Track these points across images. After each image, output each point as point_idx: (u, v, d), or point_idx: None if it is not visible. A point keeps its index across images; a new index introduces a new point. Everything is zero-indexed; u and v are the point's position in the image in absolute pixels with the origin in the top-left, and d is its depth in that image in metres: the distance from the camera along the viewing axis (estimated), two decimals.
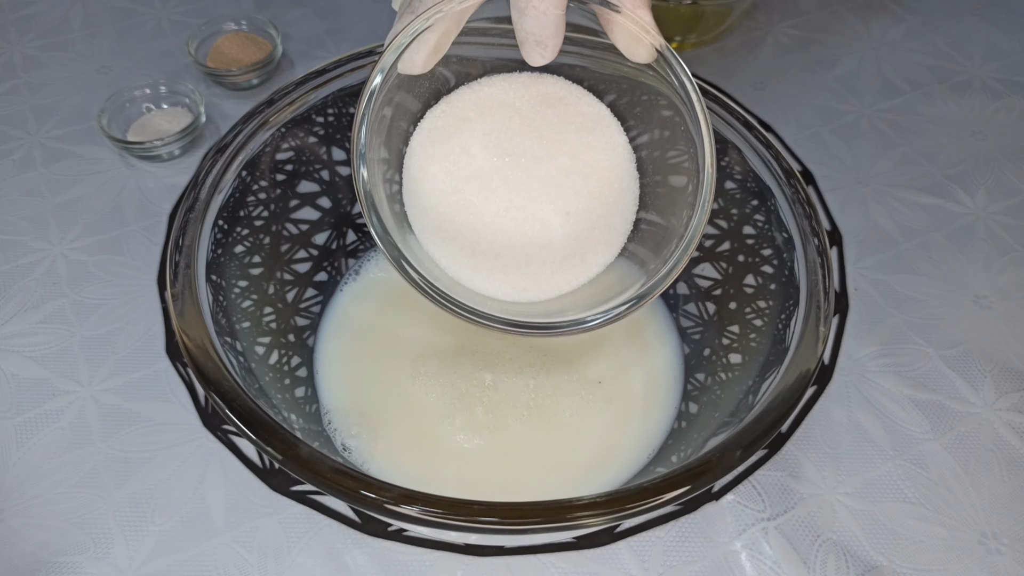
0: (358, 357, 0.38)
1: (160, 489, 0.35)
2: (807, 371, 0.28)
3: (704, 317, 0.38)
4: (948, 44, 0.56)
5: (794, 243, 0.32)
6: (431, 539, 0.33)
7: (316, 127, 0.37)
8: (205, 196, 0.32)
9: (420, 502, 0.24)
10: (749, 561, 0.34)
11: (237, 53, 0.51)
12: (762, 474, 0.36)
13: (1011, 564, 0.34)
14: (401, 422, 0.36)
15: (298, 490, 0.35)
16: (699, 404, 0.36)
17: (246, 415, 0.26)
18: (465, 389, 0.37)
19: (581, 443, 0.35)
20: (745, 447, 0.26)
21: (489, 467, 0.35)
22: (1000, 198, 0.47)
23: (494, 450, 0.35)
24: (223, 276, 0.32)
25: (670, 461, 0.34)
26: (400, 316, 0.39)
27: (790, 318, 0.31)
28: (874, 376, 0.39)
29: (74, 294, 0.42)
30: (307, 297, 0.38)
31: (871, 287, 0.43)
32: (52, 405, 0.38)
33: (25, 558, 0.33)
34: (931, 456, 0.37)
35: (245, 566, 0.33)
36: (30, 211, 0.45)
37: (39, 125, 0.49)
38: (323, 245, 0.40)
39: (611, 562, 0.34)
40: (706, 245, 0.38)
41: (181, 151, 0.48)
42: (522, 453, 0.35)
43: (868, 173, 0.48)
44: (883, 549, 0.34)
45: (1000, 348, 0.41)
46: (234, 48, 0.51)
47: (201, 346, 0.28)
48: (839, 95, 0.53)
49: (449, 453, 0.35)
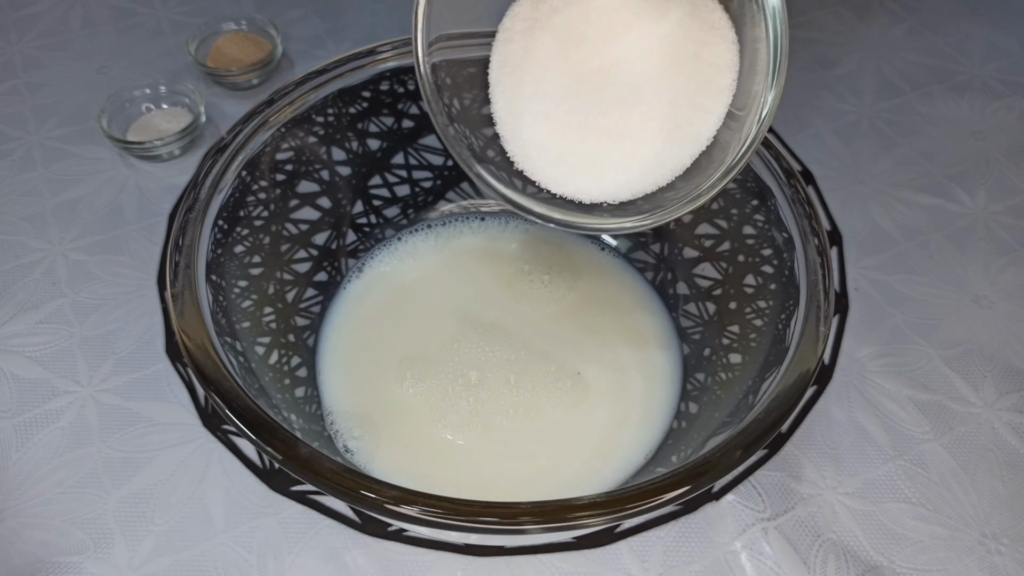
0: (358, 357, 0.38)
1: (160, 489, 0.35)
2: (807, 371, 0.28)
3: (704, 317, 0.38)
4: (948, 44, 0.56)
5: (794, 243, 0.32)
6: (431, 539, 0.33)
7: (316, 127, 0.37)
8: (205, 196, 0.32)
9: (420, 502, 0.24)
10: (749, 561, 0.34)
11: (237, 53, 0.51)
12: (762, 474, 0.36)
13: (1011, 564, 0.34)
14: (401, 422, 0.36)
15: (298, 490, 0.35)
16: (699, 404, 0.36)
17: (246, 415, 0.26)
18: (466, 388, 0.37)
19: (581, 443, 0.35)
20: (745, 447, 0.26)
21: (490, 467, 0.35)
22: (1000, 198, 0.47)
23: (495, 450, 0.35)
24: (223, 276, 0.32)
25: (670, 461, 0.34)
26: (400, 316, 0.39)
27: (790, 318, 0.31)
28: (874, 376, 0.39)
29: (74, 294, 0.42)
30: (307, 297, 0.38)
31: (871, 287, 0.43)
32: (52, 405, 0.38)
33: (25, 558, 0.33)
34: (931, 456, 0.37)
35: (245, 566, 0.33)
36: (30, 211, 0.45)
37: (39, 125, 0.49)
38: (323, 245, 0.40)
39: (611, 562, 0.34)
40: (706, 245, 0.38)
41: (181, 151, 0.48)
42: (523, 453, 0.35)
43: (868, 173, 0.48)
44: (883, 549, 0.34)
45: (1000, 348, 0.41)
46: (234, 48, 0.51)
47: (201, 346, 0.28)
48: (839, 95, 0.53)
49: (450, 453, 0.35)
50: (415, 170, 0.42)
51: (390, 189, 0.42)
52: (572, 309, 0.40)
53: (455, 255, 0.42)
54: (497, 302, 0.40)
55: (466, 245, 0.42)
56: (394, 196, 0.42)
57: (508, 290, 0.40)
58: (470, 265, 0.41)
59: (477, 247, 0.42)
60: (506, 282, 0.41)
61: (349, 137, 0.39)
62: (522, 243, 0.42)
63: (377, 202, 0.42)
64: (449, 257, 0.42)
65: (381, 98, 0.39)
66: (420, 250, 0.42)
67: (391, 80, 0.38)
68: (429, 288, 0.40)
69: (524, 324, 0.39)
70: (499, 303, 0.40)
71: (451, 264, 0.41)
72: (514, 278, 0.41)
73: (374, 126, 0.39)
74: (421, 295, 0.40)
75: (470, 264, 0.42)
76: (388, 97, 0.39)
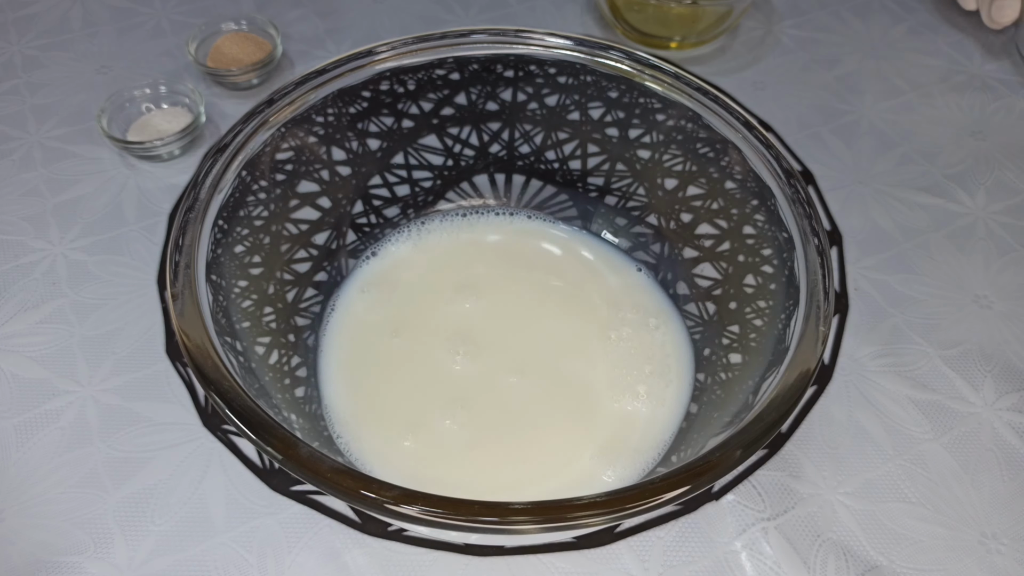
0: (359, 357, 0.38)
1: (160, 489, 0.35)
2: (807, 371, 0.28)
3: (704, 317, 0.38)
4: (948, 44, 0.56)
5: (794, 243, 0.32)
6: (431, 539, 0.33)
7: (316, 127, 0.37)
8: (205, 196, 0.32)
9: (420, 502, 0.24)
10: (749, 561, 0.34)
11: (237, 53, 0.51)
12: (762, 474, 0.36)
13: (1011, 564, 0.34)
14: (402, 421, 0.36)
15: (298, 490, 0.35)
16: (699, 404, 0.36)
17: (246, 415, 0.26)
18: (467, 388, 0.37)
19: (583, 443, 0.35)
20: (745, 447, 0.26)
21: (490, 467, 0.35)
22: (1000, 198, 0.47)
23: (495, 450, 0.35)
24: (223, 276, 0.32)
25: (670, 461, 0.34)
26: (401, 315, 0.39)
27: (790, 318, 0.31)
28: (874, 376, 0.39)
29: (74, 294, 0.42)
30: (307, 297, 0.38)
31: (871, 287, 0.43)
32: (52, 405, 0.38)
33: (25, 558, 0.33)
34: (931, 456, 0.37)
35: (245, 566, 0.33)
36: (30, 211, 0.45)
37: (39, 125, 0.49)
38: (323, 245, 0.40)
39: (611, 562, 0.34)
40: (706, 245, 0.38)
41: (181, 151, 0.48)
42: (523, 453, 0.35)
43: (868, 173, 0.48)
44: (883, 549, 0.34)
45: (1000, 348, 0.41)
46: (234, 48, 0.51)
47: (201, 346, 0.28)
48: (839, 95, 0.53)
49: (450, 452, 0.35)
50: (415, 170, 0.42)
51: (390, 189, 0.42)
52: (573, 308, 0.40)
53: (456, 255, 0.42)
54: (499, 301, 0.40)
55: (467, 245, 0.42)
56: (394, 196, 0.42)
57: (509, 289, 0.40)
58: (471, 264, 0.41)
59: (478, 246, 0.42)
60: (507, 282, 0.41)
61: (349, 137, 0.39)
62: (523, 243, 0.42)
63: (377, 202, 0.42)
64: (450, 257, 0.42)
65: (381, 98, 0.39)
66: (420, 250, 0.42)
67: (391, 80, 0.38)
68: (429, 288, 0.40)
69: (526, 323, 0.39)
70: (501, 302, 0.40)
71: (452, 263, 0.41)
72: (516, 278, 0.41)
73: (374, 126, 0.39)
74: (421, 295, 0.40)
75: (471, 263, 0.42)
76: (388, 97, 0.39)
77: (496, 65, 0.39)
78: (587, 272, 0.41)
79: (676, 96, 0.37)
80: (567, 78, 0.39)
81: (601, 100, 0.39)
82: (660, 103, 0.38)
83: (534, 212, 0.43)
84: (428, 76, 0.39)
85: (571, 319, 0.39)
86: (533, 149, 0.42)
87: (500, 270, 0.41)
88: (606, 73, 0.38)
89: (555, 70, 0.39)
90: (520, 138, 0.42)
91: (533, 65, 0.39)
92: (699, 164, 0.38)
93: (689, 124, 0.37)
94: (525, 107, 0.40)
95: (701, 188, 0.38)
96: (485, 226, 0.43)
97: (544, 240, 0.42)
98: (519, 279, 0.41)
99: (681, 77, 0.36)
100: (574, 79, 0.39)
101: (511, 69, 0.39)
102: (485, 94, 0.40)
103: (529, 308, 0.40)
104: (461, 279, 0.41)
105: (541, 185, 0.43)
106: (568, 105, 0.40)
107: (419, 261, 0.42)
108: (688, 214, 0.39)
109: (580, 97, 0.40)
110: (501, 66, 0.39)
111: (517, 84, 0.40)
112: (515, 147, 0.42)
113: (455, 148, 0.42)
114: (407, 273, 0.41)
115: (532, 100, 0.40)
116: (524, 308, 0.40)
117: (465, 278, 0.41)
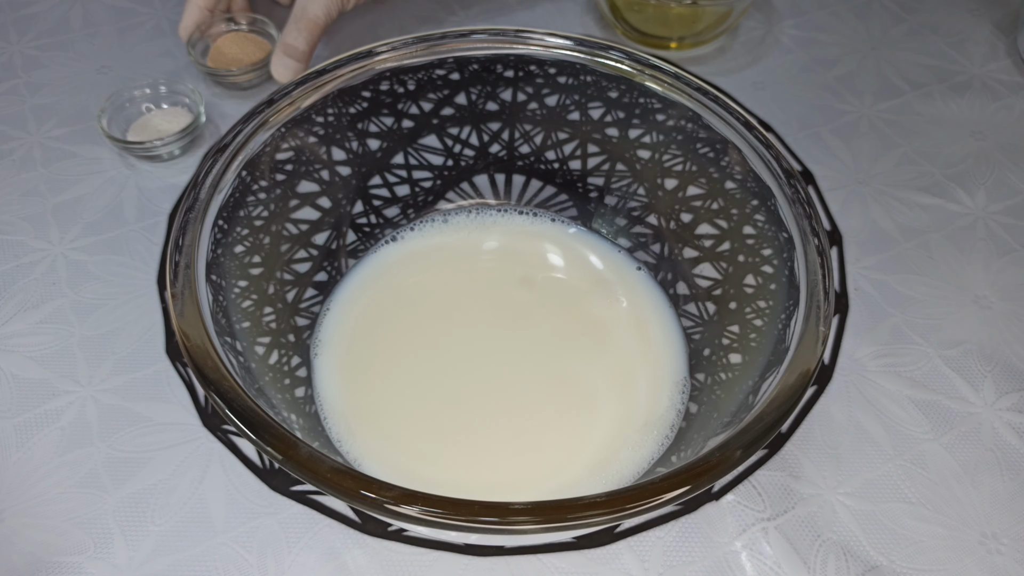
0: (359, 357, 0.38)
1: (160, 489, 0.35)
2: (807, 371, 0.28)
3: (704, 317, 0.38)
4: (948, 44, 0.56)
5: (794, 243, 0.32)
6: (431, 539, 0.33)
7: (316, 127, 0.37)
8: (205, 196, 0.32)
9: (420, 502, 0.24)
10: (749, 561, 0.34)
11: (237, 53, 0.51)
12: (762, 474, 0.36)
13: (1011, 564, 0.34)
14: (402, 421, 0.36)
15: (298, 490, 0.35)
16: (699, 404, 0.36)
17: (246, 415, 0.26)
18: (467, 388, 0.37)
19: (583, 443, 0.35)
20: (745, 447, 0.26)
21: (490, 467, 0.35)
22: (1000, 198, 0.47)
23: (496, 449, 0.35)
24: (223, 276, 0.32)
25: (670, 461, 0.34)
26: (401, 315, 0.39)
27: (790, 318, 0.31)
28: (874, 376, 0.39)
29: (74, 294, 0.42)
30: (307, 297, 0.38)
31: (871, 287, 0.43)
32: (52, 405, 0.38)
33: (25, 558, 0.33)
34: (931, 456, 0.37)
35: (245, 566, 0.33)
36: (30, 211, 0.45)
37: (39, 125, 0.49)
38: (323, 245, 0.40)
39: (611, 562, 0.34)
40: (706, 245, 0.38)
41: (181, 151, 0.48)
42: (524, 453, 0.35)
43: (868, 173, 0.48)
44: (883, 549, 0.34)
45: (1000, 348, 0.41)
46: (234, 48, 0.51)
47: (201, 346, 0.28)
48: (839, 95, 0.53)
49: (450, 452, 0.35)
50: (415, 170, 0.42)
51: (390, 189, 0.42)
52: (573, 308, 0.40)
53: (456, 255, 0.42)
54: (498, 301, 0.40)
55: (467, 245, 0.42)
56: (394, 196, 0.42)
57: (510, 289, 0.40)
58: (471, 264, 0.41)
59: (478, 246, 0.42)
60: (507, 281, 0.41)
61: (349, 137, 0.39)
62: (523, 243, 0.42)
63: (377, 202, 0.42)
64: (450, 257, 0.42)
65: (381, 98, 0.39)
66: (420, 250, 0.42)
67: (391, 80, 0.38)
68: (429, 288, 0.40)
69: (526, 324, 0.39)
70: (500, 302, 0.40)
71: (452, 263, 0.41)
72: (516, 277, 0.41)
73: (374, 126, 0.39)
74: (421, 295, 0.40)
75: (471, 263, 0.42)
76: (388, 97, 0.39)
77: (496, 65, 0.39)
78: (587, 272, 0.41)
79: (676, 96, 0.37)
80: (567, 78, 0.39)
81: (601, 100, 0.39)
82: (660, 103, 0.38)
83: (534, 212, 0.43)
84: (428, 76, 0.39)
85: (571, 319, 0.39)
86: (533, 149, 0.42)
87: (500, 270, 0.41)
88: (606, 73, 0.38)
89: (555, 70, 0.39)
90: (520, 138, 0.42)
91: (533, 65, 0.39)
92: (699, 164, 0.38)
93: (689, 124, 0.37)
94: (525, 107, 0.40)
95: (701, 188, 0.38)
96: (485, 226, 0.43)
97: (544, 240, 0.42)
98: (519, 279, 0.41)
99: (681, 77, 0.36)
100: (574, 79, 0.39)
101: (511, 69, 0.39)
102: (485, 94, 0.40)
103: (529, 308, 0.40)
104: (461, 279, 0.41)
105: (541, 185, 0.43)
106: (568, 105, 0.40)
107: (419, 261, 0.42)
108: (688, 214, 0.39)
109: (580, 97, 0.40)
110: (501, 66, 0.39)
111: (517, 84, 0.40)
112: (515, 147, 0.42)
113: (455, 148, 0.42)
114: (407, 273, 0.41)
115: (532, 100, 0.40)
116: (524, 308, 0.40)
117: (465, 278, 0.41)
